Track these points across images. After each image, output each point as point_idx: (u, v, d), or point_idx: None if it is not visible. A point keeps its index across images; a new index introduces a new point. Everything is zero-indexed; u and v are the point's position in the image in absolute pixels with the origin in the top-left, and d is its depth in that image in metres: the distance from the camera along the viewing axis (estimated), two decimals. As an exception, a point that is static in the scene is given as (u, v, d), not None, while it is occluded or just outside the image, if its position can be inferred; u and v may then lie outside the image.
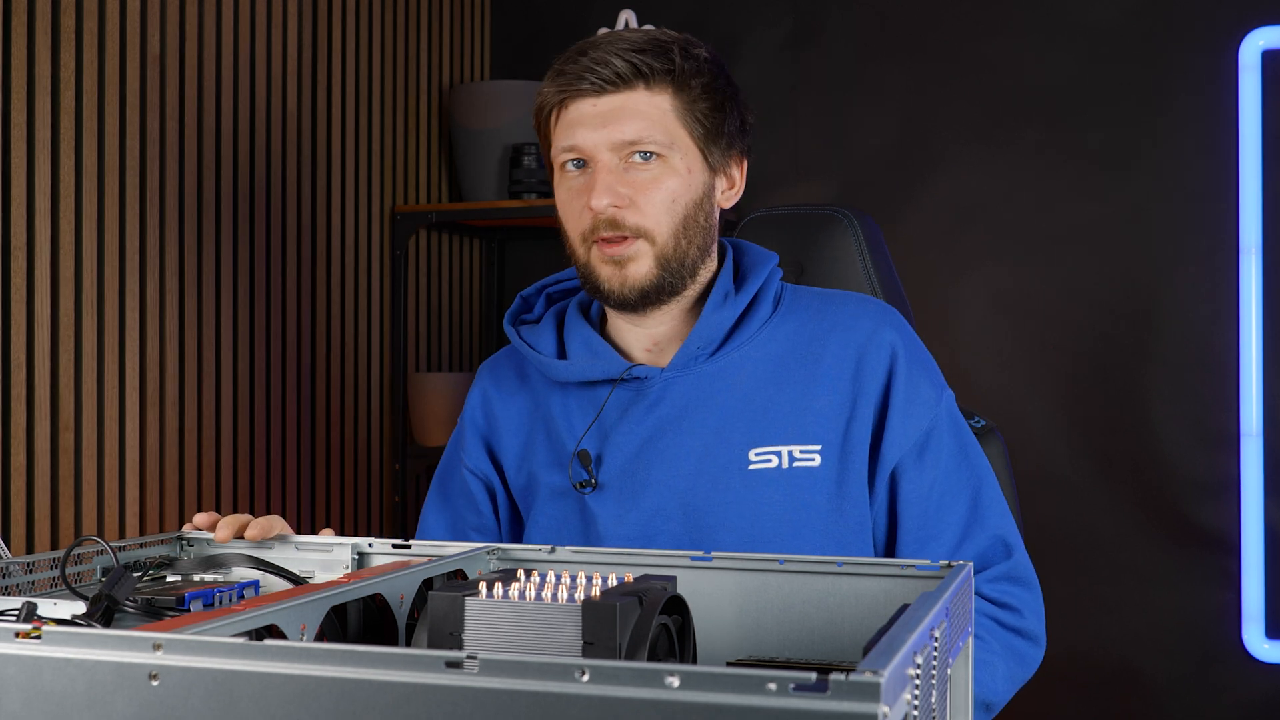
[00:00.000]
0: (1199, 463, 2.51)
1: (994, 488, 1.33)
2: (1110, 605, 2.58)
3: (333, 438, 2.51)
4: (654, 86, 1.28)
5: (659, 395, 1.32)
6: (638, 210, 1.27)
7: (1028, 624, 1.31)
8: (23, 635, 0.61)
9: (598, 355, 1.34)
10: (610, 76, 1.27)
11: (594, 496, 1.31)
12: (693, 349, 1.31)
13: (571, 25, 2.94)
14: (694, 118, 1.29)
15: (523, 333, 1.40)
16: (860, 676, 0.51)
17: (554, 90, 1.30)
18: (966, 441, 1.34)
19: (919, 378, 1.31)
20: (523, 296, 1.45)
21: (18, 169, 1.81)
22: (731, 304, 1.32)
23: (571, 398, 1.36)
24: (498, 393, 1.43)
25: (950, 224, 2.67)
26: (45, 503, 1.85)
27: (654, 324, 1.34)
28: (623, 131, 1.26)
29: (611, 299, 1.30)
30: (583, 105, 1.28)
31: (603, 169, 1.27)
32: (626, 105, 1.27)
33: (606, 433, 1.32)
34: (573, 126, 1.28)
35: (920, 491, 1.30)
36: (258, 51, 2.30)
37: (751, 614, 0.95)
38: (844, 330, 1.33)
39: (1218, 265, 2.50)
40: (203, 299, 2.16)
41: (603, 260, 1.28)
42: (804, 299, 1.38)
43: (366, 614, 0.88)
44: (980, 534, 1.30)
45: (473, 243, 3.01)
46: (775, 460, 1.28)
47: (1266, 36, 2.45)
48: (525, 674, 0.54)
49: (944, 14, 2.68)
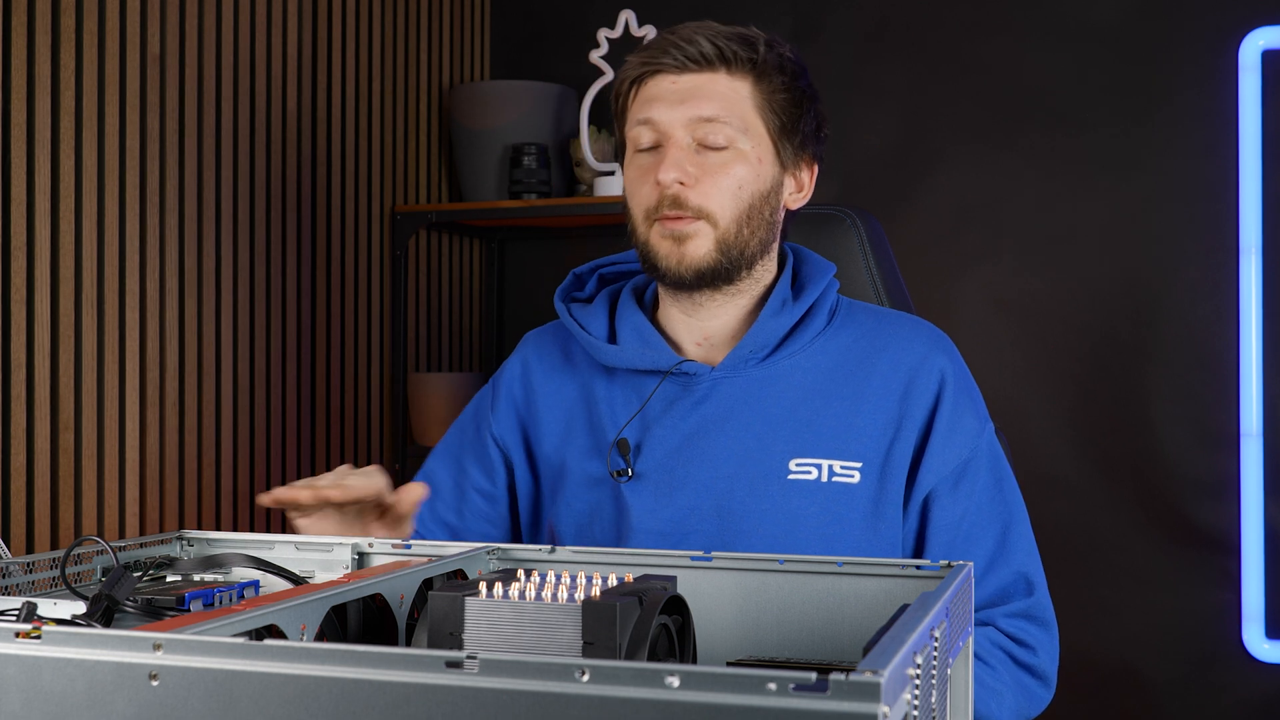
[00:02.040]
0: (1199, 463, 2.51)
1: (1024, 525, 1.32)
2: (1110, 605, 2.58)
3: (333, 438, 2.51)
4: (735, 72, 1.28)
5: (706, 393, 1.31)
6: (703, 191, 1.26)
7: (1041, 663, 1.29)
8: (23, 635, 0.61)
9: (649, 345, 1.33)
10: (694, 55, 1.26)
11: (629, 486, 1.30)
12: (745, 352, 1.30)
13: (571, 25, 2.94)
14: (771, 109, 1.29)
15: (573, 310, 1.38)
16: (860, 676, 0.51)
17: (636, 64, 1.29)
18: (1004, 477, 1.33)
19: (965, 407, 1.31)
20: (576, 274, 1.43)
21: (18, 169, 1.81)
22: (789, 311, 1.31)
23: (617, 385, 1.35)
24: (540, 366, 1.41)
25: (950, 224, 2.67)
26: (45, 503, 1.85)
27: (708, 316, 1.33)
28: (699, 108, 1.26)
29: (668, 277, 1.29)
30: (662, 82, 1.28)
31: (674, 145, 1.26)
32: (706, 85, 1.27)
33: (649, 425, 1.31)
34: (650, 101, 1.28)
35: (951, 520, 1.29)
36: (258, 51, 2.30)
37: (751, 614, 0.95)
38: (896, 351, 1.32)
39: (1218, 265, 2.50)
40: (203, 299, 2.16)
41: (662, 236, 1.27)
42: (859, 315, 1.37)
43: (366, 614, 0.88)
44: (1004, 569, 1.29)
45: (473, 243, 3.01)
46: (815, 473, 1.27)
47: (1266, 36, 2.45)
48: (525, 674, 0.54)
49: (944, 14, 2.68)
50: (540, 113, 2.75)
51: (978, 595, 1.29)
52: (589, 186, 2.75)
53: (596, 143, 2.71)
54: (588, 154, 2.62)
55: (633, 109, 1.30)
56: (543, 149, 2.68)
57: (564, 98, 2.80)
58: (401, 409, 2.67)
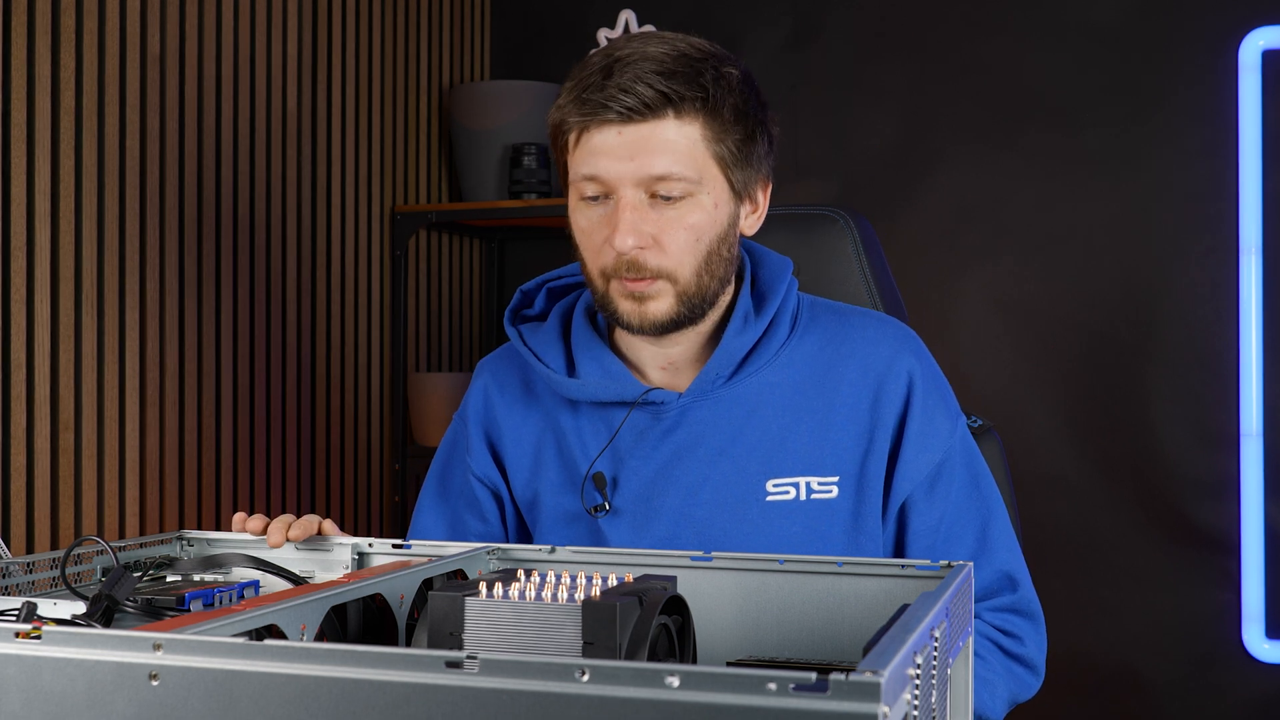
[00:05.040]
0: (1199, 463, 2.51)
1: (1003, 520, 1.31)
2: (1110, 606, 2.58)
3: (333, 438, 2.51)
4: (684, 115, 1.19)
5: (676, 421, 1.28)
6: (661, 251, 1.21)
7: (1028, 652, 1.29)
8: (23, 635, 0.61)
9: (612, 376, 1.29)
10: (637, 105, 1.18)
11: (607, 521, 1.28)
12: (711, 375, 1.28)
13: (571, 25, 2.94)
14: (724, 145, 1.22)
15: (526, 335, 1.35)
16: (860, 676, 0.51)
17: (576, 114, 1.21)
18: (978, 472, 1.32)
19: (934, 408, 1.29)
20: (523, 291, 1.39)
21: (18, 169, 1.81)
22: (751, 327, 1.28)
23: (583, 416, 1.31)
24: (502, 399, 1.37)
25: (950, 224, 2.67)
26: (45, 503, 1.85)
27: (670, 343, 1.29)
28: (650, 166, 1.18)
29: (630, 329, 1.25)
30: (607, 133, 1.19)
31: (626, 206, 1.20)
32: (654, 136, 1.19)
33: (621, 457, 1.28)
34: (595, 155, 1.20)
35: (928, 525, 1.28)
36: (258, 51, 2.30)
37: (751, 614, 0.95)
38: (863, 356, 1.29)
39: (1218, 265, 2.50)
40: (203, 299, 2.16)
41: (623, 294, 1.23)
42: (821, 317, 1.34)
43: (366, 614, 0.88)
44: (986, 568, 1.29)
45: (472, 243, 3.01)
46: (793, 492, 1.25)
47: (1266, 36, 2.45)
48: (525, 674, 0.54)
49: (944, 14, 2.68)
50: (540, 113, 2.75)
51: None
52: (589, 186, 2.75)
53: (596, 143, 2.71)
54: (588, 154, 2.62)
55: (576, 158, 1.22)
56: (543, 149, 2.68)
57: (564, 98, 2.80)
58: (401, 409, 2.67)
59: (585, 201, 1.23)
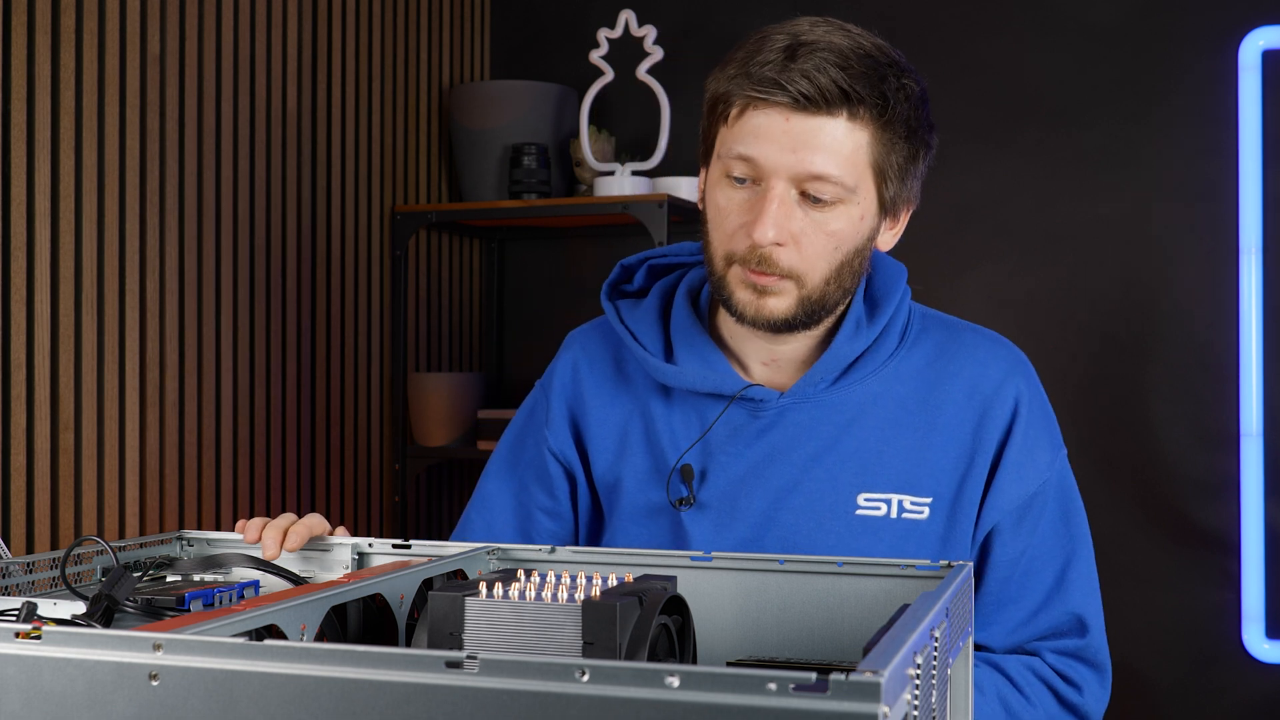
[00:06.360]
0: (1199, 463, 2.51)
1: (1087, 561, 1.26)
2: (1110, 605, 2.56)
3: (333, 438, 2.51)
4: (857, 118, 1.13)
5: (773, 420, 1.23)
6: (797, 252, 1.15)
7: (1086, 704, 1.24)
8: (23, 635, 0.61)
9: (711, 367, 1.24)
10: (815, 95, 1.11)
11: (689, 514, 1.23)
12: (816, 378, 1.22)
13: (571, 25, 2.94)
14: (887, 160, 1.16)
15: (623, 311, 1.29)
16: (860, 676, 0.51)
17: (748, 88, 1.13)
18: (1071, 510, 1.26)
19: (1038, 437, 1.24)
20: (623, 265, 1.32)
21: (18, 169, 1.81)
22: (863, 334, 1.23)
23: (676, 406, 1.26)
24: (592, 376, 1.31)
25: (950, 224, 2.67)
26: (45, 503, 1.85)
27: (781, 341, 1.24)
28: (810, 163, 1.12)
29: (742, 321, 1.19)
30: (774, 117, 1.13)
31: (775, 198, 1.13)
32: (821, 132, 1.12)
33: (711, 451, 1.24)
34: (757, 138, 1.13)
35: (1010, 556, 1.22)
36: (258, 51, 2.30)
37: (751, 614, 0.95)
38: (970, 377, 1.24)
39: (1218, 265, 2.50)
40: (203, 299, 2.16)
41: (742, 282, 1.17)
42: (932, 330, 1.29)
43: (366, 614, 0.88)
44: (1058, 607, 1.24)
45: (472, 243, 3.01)
46: (884, 509, 1.20)
47: (1266, 36, 2.45)
48: (525, 674, 0.54)
49: (944, 14, 2.68)
50: (540, 113, 2.75)
51: (1025, 632, 1.23)
52: (589, 186, 2.75)
53: (596, 143, 2.71)
54: (588, 154, 2.62)
55: (732, 133, 1.15)
56: (543, 149, 2.68)
57: (564, 98, 2.80)
58: (401, 409, 2.67)
59: (729, 180, 1.17)
